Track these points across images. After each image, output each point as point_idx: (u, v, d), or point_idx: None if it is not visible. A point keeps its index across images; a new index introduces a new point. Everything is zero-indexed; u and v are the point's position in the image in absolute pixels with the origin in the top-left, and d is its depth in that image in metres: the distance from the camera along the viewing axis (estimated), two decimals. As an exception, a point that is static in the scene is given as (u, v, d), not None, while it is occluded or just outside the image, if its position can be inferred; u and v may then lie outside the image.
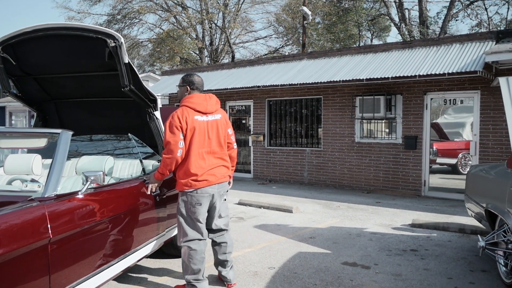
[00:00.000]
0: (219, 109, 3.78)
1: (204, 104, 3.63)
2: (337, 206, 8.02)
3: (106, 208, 3.08)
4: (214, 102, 3.75)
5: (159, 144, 4.54)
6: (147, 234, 3.72)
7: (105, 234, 3.04)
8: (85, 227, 2.79)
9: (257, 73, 11.46)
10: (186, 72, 13.99)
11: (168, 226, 4.17)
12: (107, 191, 3.22)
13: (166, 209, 4.09)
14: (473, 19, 23.45)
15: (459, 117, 9.96)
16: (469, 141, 9.87)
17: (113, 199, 3.25)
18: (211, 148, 3.62)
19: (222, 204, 3.82)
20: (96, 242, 2.93)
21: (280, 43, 29.94)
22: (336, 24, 24.44)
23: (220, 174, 3.67)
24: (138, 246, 3.53)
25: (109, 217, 3.08)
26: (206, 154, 3.59)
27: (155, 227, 3.86)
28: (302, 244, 5.39)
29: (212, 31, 25.55)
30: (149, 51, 31.26)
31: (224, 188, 3.75)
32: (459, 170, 10.10)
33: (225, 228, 3.88)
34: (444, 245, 5.37)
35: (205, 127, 3.58)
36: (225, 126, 3.77)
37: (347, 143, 10.28)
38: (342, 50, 10.77)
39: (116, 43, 3.82)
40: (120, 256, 3.23)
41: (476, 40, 8.61)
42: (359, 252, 5.05)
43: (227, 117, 3.88)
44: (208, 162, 3.59)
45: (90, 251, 2.85)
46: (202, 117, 3.59)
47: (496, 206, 4.08)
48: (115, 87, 4.29)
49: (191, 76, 3.78)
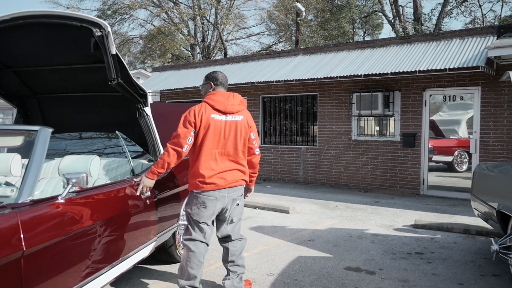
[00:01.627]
0: (242, 110, 3.53)
1: (224, 103, 3.41)
2: (335, 206, 7.75)
3: (90, 215, 2.77)
4: (237, 102, 3.50)
5: (150, 142, 4.23)
6: (136, 241, 3.41)
7: (88, 244, 2.73)
8: (65, 237, 2.48)
9: (251, 69, 11.16)
10: (178, 68, 13.64)
11: (159, 231, 3.86)
12: (91, 195, 2.90)
13: (157, 213, 3.79)
14: (466, 17, 23.40)
15: (454, 114, 9.78)
16: (465, 138, 9.69)
17: (98, 203, 2.94)
18: (225, 149, 3.40)
19: (234, 209, 3.54)
20: (78, 253, 2.62)
21: (273, 40, 29.66)
22: (330, 21, 24.21)
23: (232, 178, 3.43)
24: (126, 254, 3.22)
25: (92, 224, 2.77)
26: (219, 156, 3.39)
27: (145, 233, 3.55)
28: (302, 248, 5.12)
29: (204, 27, 25.20)
30: (140, 47, 30.82)
31: (237, 192, 3.50)
32: (455, 168, 9.91)
33: (231, 235, 3.58)
34: (450, 247, 5.13)
35: (221, 127, 3.37)
36: (246, 129, 3.51)
37: (344, 140, 10.03)
38: (339, 46, 10.50)
39: (103, 32, 3.50)
40: (106, 267, 2.92)
41: (476, 35, 8.39)
42: (362, 256, 4.79)
43: (251, 120, 3.60)
44: (220, 164, 3.38)
45: (70, 264, 2.54)
46: (220, 116, 3.38)
47: (510, 207, 3.83)
48: (102, 80, 3.97)
49: (215, 73, 3.60)
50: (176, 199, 4.24)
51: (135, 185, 3.49)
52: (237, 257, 3.61)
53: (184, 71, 13.15)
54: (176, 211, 4.27)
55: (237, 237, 3.63)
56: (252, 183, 3.78)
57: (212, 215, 3.43)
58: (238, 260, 3.61)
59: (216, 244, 4.10)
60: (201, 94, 12.21)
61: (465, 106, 9.70)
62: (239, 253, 3.63)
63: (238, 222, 3.64)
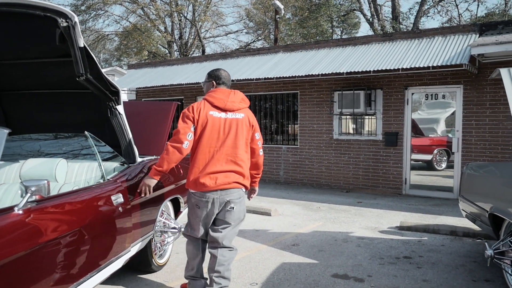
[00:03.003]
0: (244, 108, 3.39)
1: (224, 100, 3.30)
2: (317, 208, 7.55)
3: (52, 227, 2.45)
4: (238, 100, 3.36)
5: (123, 143, 3.90)
6: (108, 253, 3.09)
7: (51, 261, 2.41)
8: (22, 254, 2.16)
9: (230, 66, 10.85)
10: (155, 65, 13.23)
11: (134, 240, 3.54)
12: (54, 205, 2.57)
13: (132, 221, 3.47)
14: (443, 16, 23.62)
15: (433, 113, 9.74)
16: (444, 137, 9.65)
17: (62, 214, 2.62)
18: (223, 148, 3.25)
19: (227, 213, 3.29)
20: (38, 272, 2.30)
21: (252, 38, 29.41)
22: (308, 19, 24.09)
23: (224, 180, 3.22)
24: (96, 269, 2.90)
25: (56, 238, 2.45)
26: (216, 154, 3.23)
27: (118, 244, 3.23)
28: (285, 253, 4.87)
29: (182, 24, 24.72)
30: (115, 45, 30.10)
31: (230, 195, 3.26)
32: (434, 166, 9.88)
33: (221, 241, 3.30)
34: (438, 251, 4.96)
35: (220, 124, 3.26)
36: (248, 128, 3.37)
37: (325, 140, 9.84)
38: (320, 43, 10.31)
39: (69, 23, 3.15)
40: (71, 285, 2.60)
41: (458, 33, 8.30)
42: (349, 262, 4.57)
43: (253, 119, 3.46)
44: (215, 163, 3.23)
45: (26, 285, 2.21)
46: (220, 113, 3.28)
47: (504, 211, 3.66)
48: (69, 76, 3.62)
49: (217, 71, 3.49)
50: (153, 204, 3.93)
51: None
52: (224, 268, 3.31)
53: (161, 68, 12.76)
54: (152, 217, 3.96)
55: (228, 245, 3.34)
56: (256, 183, 3.65)
57: (207, 216, 3.29)
58: (225, 272, 3.31)
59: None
60: (178, 92, 11.82)
61: (444, 105, 9.65)
62: (227, 264, 3.33)
63: (233, 228, 3.37)
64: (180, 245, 5.14)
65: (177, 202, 4.65)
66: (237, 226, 3.43)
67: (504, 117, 7.81)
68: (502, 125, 7.84)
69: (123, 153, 3.93)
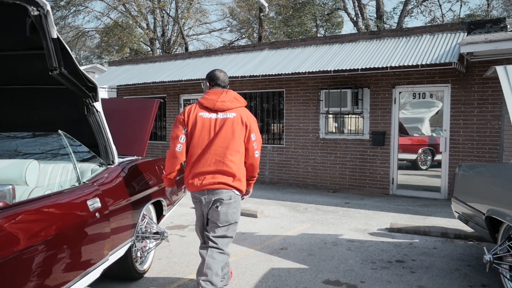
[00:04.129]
0: (236, 108, 3.29)
1: (213, 100, 3.27)
2: (304, 209, 7.36)
3: (19, 237, 2.18)
4: (229, 99, 3.29)
5: (101, 143, 3.63)
6: (84, 264, 2.83)
7: (16, 276, 2.13)
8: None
9: (214, 64, 10.60)
10: (136, 62, 12.88)
11: (113, 248, 3.28)
12: (21, 212, 2.30)
13: (110, 226, 3.21)
14: (426, 16, 23.73)
15: (417, 112, 9.66)
16: (428, 136, 9.59)
17: (31, 222, 2.35)
18: (212, 149, 3.22)
19: (214, 212, 3.23)
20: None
21: (235, 36, 29.14)
22: (293, 18, 23.95)
23: (211, 180, 3.20)
24: (70, 281, 2.63)
25: (24, 249, 2.18)
26: (206, 155, 3.23)
27: (94, 253, 2.97)
28: (274, 258, 4.66)
29: (164, 21, 24.29)
30: (96, 42, 29.47)
31: (216, 196, 3.21)
32: (418, 165, 9.80)
33: (212, 239, 3.22)
34: (430, 254, 4.81)
35: (209, 125, 3.24)
36: (241, 128, 3.25)
37: (311, 139, 9.67)
38: (306, 40, 10.12)
39: (40, 11, 2.86)
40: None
41: (447, 31, 8.21)
42: (340, 266, 4.38)
43: (249, 119, 3.32)
44: (203, 164, 3.22)
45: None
46: (210, 114, 3.26)
47: (503, 214, 3.51)
48: (41, 70, 3.34)
49: (212, 72, 3.44)
50: (133, 208, 3.67)
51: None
52: (212, 273, 3.10)
53: (143, 65, 12.41)
54: (133, 221, 3.70)
55: (219, 246, 3.21)
56: (250, 186, 3.52)
57: (201, 217, 3.36)
58: (213, 277, 3.09)
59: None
60: (160, 90, 11.50)
61: (428, 104, 9.58)
62: (216, 267, 3.14)
63: (224, 230, 3.25)
64: (163, 250, 4.89)
65: (160, 206, 4.40)
66: (228, 229, 3.28)
67: (492, 116, 7.75)
68: (489, 125, 7.77)
69: (101, 154, 3.65)
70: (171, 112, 11.90)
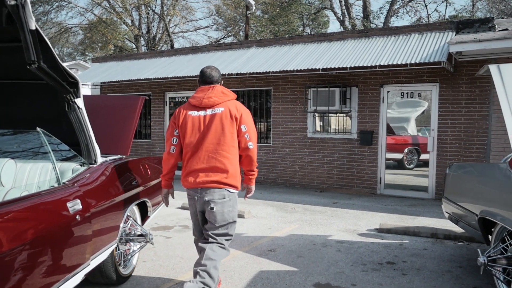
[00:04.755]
0: (224, 102, 3.24)
1: (200, 98, 3.25)
2: (292, 209, 7.25)
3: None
4: (215, 94, 3.24)
5: (82, 141, 3.45)
6: (63, 270, 2.66)
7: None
8: None
9: (200, 61, 10.42)
10: (121, 59, 12.62)
11: (94, 252, 3.12)
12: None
13: (92, 229, 3.04)
14: (412, 16, 23.86)
15: (403, 112, 9.66)
16: (414, 136, 9.60)
17: (5, 226, 2.17)
18: (203, 146, 3.20)
19: (210, 213, 3.20)
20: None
21: (222, 34, 28.93)
22: (279, 16, 23.86)
23: (203, 179, 3.18)
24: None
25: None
26: (198, 153, 3.22)
27: (74, 259, 2.80)
28: (262, 260, 4.53)
29: (150, 18, 23.95)
30: (79, 38, 28.96)
31: (209, 195, 3.18)
32: (404, 165, 9.81)
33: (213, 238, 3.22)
34: (421, 255, 4.74)
35: (199, 122, 3.23)
36: (230, 121, 3.19)
37: (299, 138, 9.57)
38: (294, 38, 10.01)
39: (18, 1, 2.69)
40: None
41: (435, 30, 8.18)
42: (331, 269, 4.28)
43: (238, 111, 3.23)
44: (196, 161, 3.22)
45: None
46: (199, 112, 3.25)
47: (496, 215, 3.44)
48: (19, 64, 3.16)
49: (201, 69, 3.39)
50: (117, 209, 3.51)
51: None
52: (211, 264, 3.07)
53: (128, 62, 12.17)
54: (117, 223, 3.54)
55: (219, 241, 3.21)
56: (250, 181, 3.41)
57: (195, 214, 3.34)
58: (211, 268, 3.06)
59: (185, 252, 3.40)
60: (145, 88, 11.24)
61: (414, 104, 9.58)
62: (216, 260, 3.12)
63: (224, 229, 3.23)
64: (147, 252, 4.72)
65: (144, 207, 4.24)
66: (227, 228, 3.25)
67: (479, 116, 7.74)
68: (477, 125, 7.77)
69: (82, 153, 3.48)
70: (156, 110, 11.69)
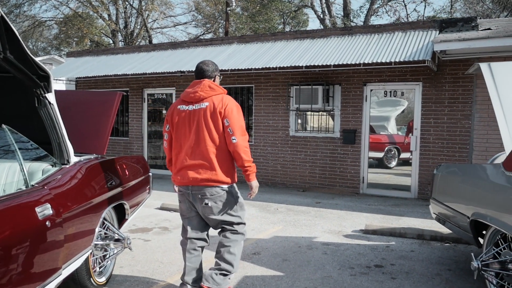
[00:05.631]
0: (211, 97, 3.16)
1: (187, 92, 3.22)
2: (275, 209, 7.08)
3: None
4: (202, 89, 3.16)
5: (54, 140, 3.19)
6: (31, 281, 2.41)
7: None
8: None
9: (180, 57, 10.15)
10: (97, 53, 12.20)
11: (67, 260, 2.87)
12: None
13: (64, 236, 2.79)
14: (391, 16, 24.00)
15: (383, 111, 9.61)
16: (395, 134, 9.57)
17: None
18: (191, 141, 3.16)
19: (205, 209, 3.20)
20: None
21: (201, 31, 28.57)
22: (260, 13, 23.68)
23: (191, 176, 3.13)
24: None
25: None
26: (187, 149, 3.18)
27: (44, 269, 2.55)
28: (246, 264, 4.34)
29: (127, 12, 23.41)
30: (54, 32, 28.15)
31: (201, 192, 3.16)
32: (385, 163, 9.77)
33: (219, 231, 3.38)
34: (409, 257, 4.63)
35: (186, 117, 3.19)
36: (216, 116, 3.10)
37: (281, 136, 9.40)
38: (277, 35, 9.83)
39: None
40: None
41: (419, 29, 8.12)
42: (318, 273, 4.11)
43: (223, 105, 3.12)
44: (184, 157, 3.18)
45: None
46: (187, 106, 3.21)
47: (490, 217, 3.33)
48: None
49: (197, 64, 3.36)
50: (91, 213, 3.26)
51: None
52: (226, 250, 3.25)
53: (104, 57, 11.76)
54: (91, 227, 3.29)
55: (229, 229, 3.31)
56: (248, 178, 3.25)
57: (189, 209, 3.28)
58: (225, 253, 3.25)
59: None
60: (123, 84, 10.83)
61: (394, 103, 9.54)
62: (231, 245, 3.26)
63: (224, 218, 3.25)
64: (125, 256, 4.47)
65: (122, 209, 3.99)
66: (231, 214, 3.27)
67: (462, 116, 7.72)
68: (460, 124, 7.75)
69: (54, 152, 3.22)
70: (134, 107, 11.34)
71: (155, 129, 11.30)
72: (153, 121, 11.32)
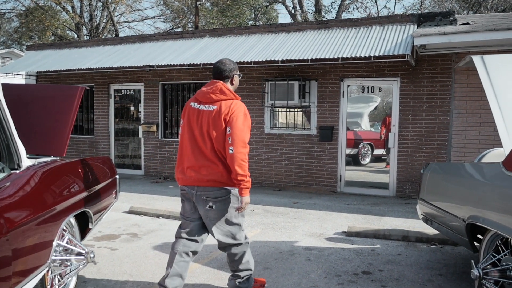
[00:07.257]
0: (220, 101, 3.04)
1: (201, 91, 3.15)
2: (251, 210, 6.73)
3: None
4: (213, 91, 3.07)
5: (2, 141, 2.73)
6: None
7: None
8: None
9: (149, 50, 9.64)
10: (59, 47, 11.49)
11: (18, 281, 2.43)
12: None
13: (12, 254, 2.35)
14: (362, 13, 24.02)
15: (356, 107, 9.45)
16: (369, 131, 9.44)
17: None
18: (198, 141, 3.08)
19: (208, 212, 3.09)
20: None
21: (170, 25, 27.85)
22: (231, 8, 23.24)
23: (196, 176, 3.06)
24: None
25: None
26: (193, 148, 3.10)
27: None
28: (225, 275, 3.97)
29: (93, 5, 22.49)
30: (14, 25, 26.82)
31: (206, 193, 3.06)
32: (359, 160, 9.63)
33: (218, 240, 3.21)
34: (396, 262, 4.38)
35: (195, 115, 3.11)
36: (219, 122, 2.99)
37: (255, 134, 9.06)
38: (251, 28, 9.46)
39: None
40: None
41: (397, 23, 7.93)
42: (303, 282, 3.80)
43: (230, 111, 3.00)
44: (190, 157, 3.11)
45: None
46: (198, 105, 3.13)
47: (489, 221, 3.09)
48: None
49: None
50: (48, 224, 2.82)
51: None
52: (235, 265, 3.30)
53: (67, 50, 11.09)
54: (48, 239, 2.85)
55: (230, 242, 3.19)
56: (240, 192, 3.01)
57: (193, 210, 3.19)
58: (240, 265, 3.30)
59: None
60: (87, 79, 10.13)
61: (367, 99, 9.38)
62: (239, 260, 3.28)
63: (225, 226, 3.14)
64: (89, 269, 4.02)
65: (85, 217, 3.54)
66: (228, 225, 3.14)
67: (441, 112, 7.59)
68: (438, 120, 7.61)
69: (1, 155, 2.76)
70: (99, 103, 10.74)
71: (122, 127, 10.75)
72: (121, 118, 10.76)
